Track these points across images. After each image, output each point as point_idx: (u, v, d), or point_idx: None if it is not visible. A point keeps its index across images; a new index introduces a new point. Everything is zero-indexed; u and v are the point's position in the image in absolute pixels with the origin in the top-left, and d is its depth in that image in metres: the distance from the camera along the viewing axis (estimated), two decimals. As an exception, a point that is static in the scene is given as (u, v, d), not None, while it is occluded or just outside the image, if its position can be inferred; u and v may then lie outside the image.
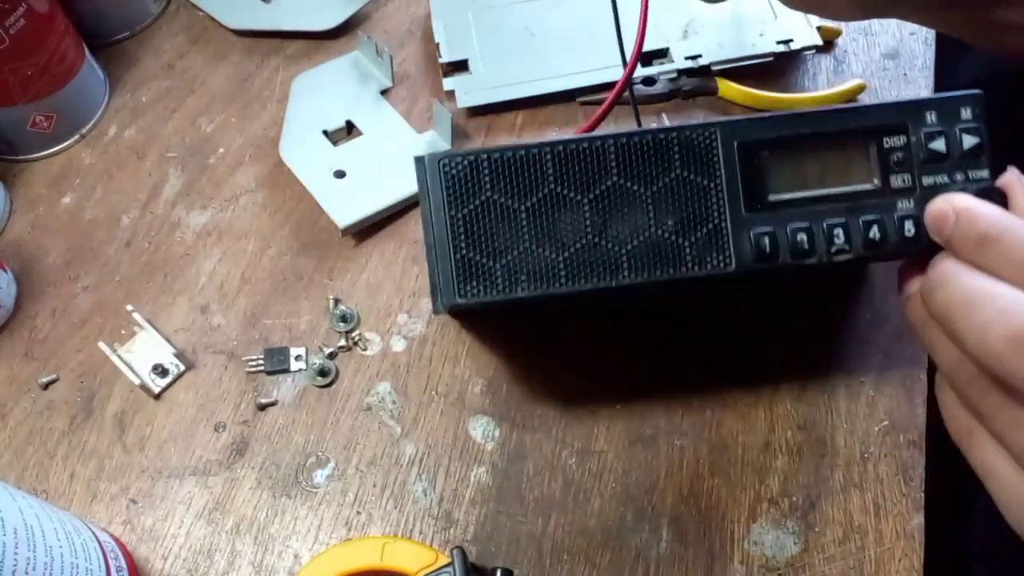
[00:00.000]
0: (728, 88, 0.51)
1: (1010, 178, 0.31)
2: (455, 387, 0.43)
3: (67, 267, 0.48)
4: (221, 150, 0.52)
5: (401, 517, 0.40)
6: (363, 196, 0.47)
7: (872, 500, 0.39)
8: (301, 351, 0.44)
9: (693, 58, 0.51)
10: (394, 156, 0.49)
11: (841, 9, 0.38)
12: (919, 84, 0.51)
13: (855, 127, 0.33)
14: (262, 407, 0.43)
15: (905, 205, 0.33)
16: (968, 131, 0.33)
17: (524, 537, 0.39)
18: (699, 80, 0.51)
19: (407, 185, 0.48)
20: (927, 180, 0.33)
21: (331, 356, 0.44)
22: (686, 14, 0.53)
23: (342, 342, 0.44)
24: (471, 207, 0.33)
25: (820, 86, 0.52)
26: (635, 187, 0.33)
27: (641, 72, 0.51)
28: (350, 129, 0.51)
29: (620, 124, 0.50)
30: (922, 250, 0.32)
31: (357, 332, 0.45)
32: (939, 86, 0.51)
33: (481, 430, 0.42)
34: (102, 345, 0.44)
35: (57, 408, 0.43)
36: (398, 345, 0.44)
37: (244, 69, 0.55)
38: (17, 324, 0.46)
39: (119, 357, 0.44)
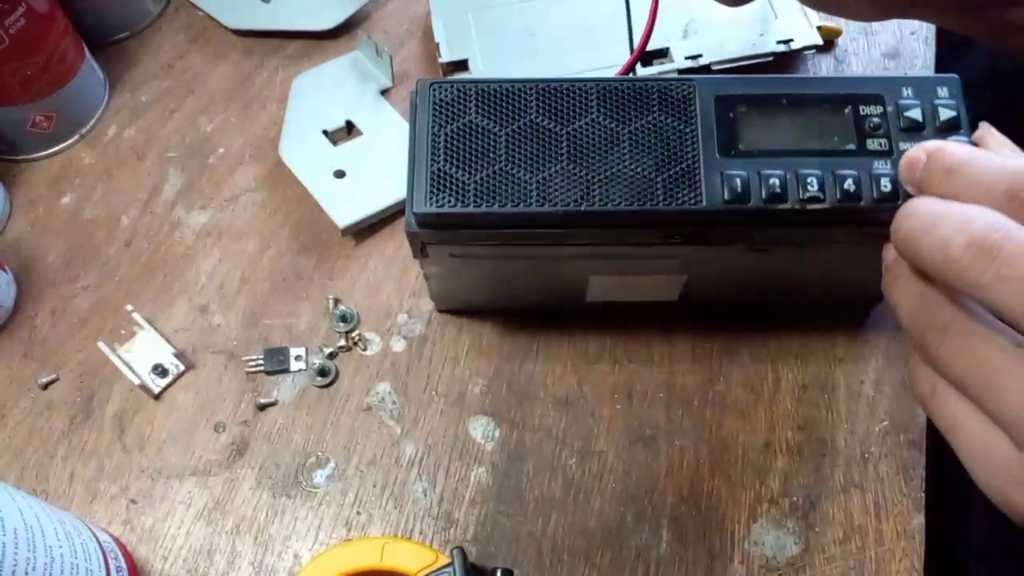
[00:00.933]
0: (728, 88, 0.51)
1: (981, 132, 0.31)
2: (455, 387, 0.43)
3: (67, 267, 0.48)
4: (221, 150, 0.52)
5: (401, 517, 0.40)
6: (363, 196, 0.47)
7: (872, 500, 0.39)
8: (301, 351, 0.44)
9: (693, 58, 0.51)
10: (394, 156, 0.49)
11: (861, 11, 0.38)
12: (919, 84, 0.51)
13: (832, 93, 0.34)
14: (262, 407, 0.43)
15: (881, 165, 0.33)
16: (944, 106, 0.33)
17: (524, 537, 0.39)
18: (699, 80, 0.51)
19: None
20: (904, 145, 0.33)
21: (331, 356, 0.44)
22: (686, 14, 0.53)
23: (342, 342, 0.44)
24: (454, 126, 0.34)
25: (820, 86, 0.52)
26: (613, 125, 0.33)
27: (641, 72, 0.51)
28: (350, 129, 0.51)
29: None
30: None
31: (357, 332, 0.45)
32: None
33: (481, 430, 0.42)
34: (102, 345, 0.44)
35: (57, 408, 0.43)
36: (398, 345, 0.44)
37: (244, 69, 0.55)
38: (17, 324, 0.46)
39: (119, 357, 0.43)
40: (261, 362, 0.44)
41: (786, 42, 0.51)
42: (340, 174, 0.49)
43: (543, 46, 0.53)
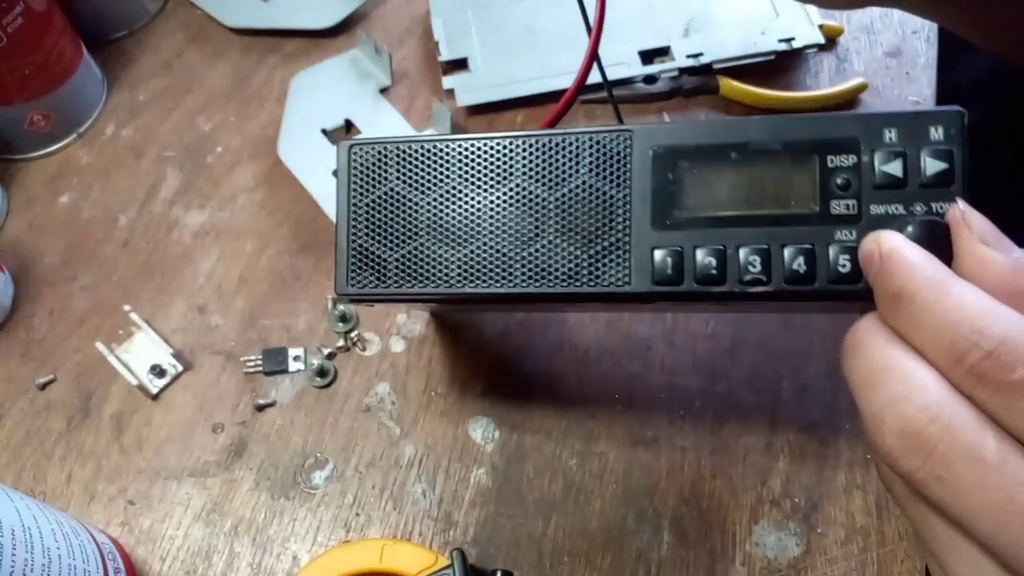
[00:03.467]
0: (729, 86, 0.50)
1: (954, 214, 0.25)
2: (455, 388, 0.43)
3: (64, 267, 0.48)
4: (219, 149, 0.51)
5: (400, 519, 0.40)
6: (362, 195, 0.47)
7: (874, 501, 0.39)
8: (300, 351, 0.44)
9: (695, 56, 0.51)
10: (393, 155, 0.49)
11: None
12: (921, 83, 0.51)
13: (794, 140, 0.28)
14: (260, 408, 0.43)
15: (844, 235, 0.28)
16: (935, 154, 0.27)
17: (524, 539, 0.39)
18: (701, 78, 0.51)
19: (406, 184, 0.48)
20: (876, 209, 0.28)
21: (330, 356, 0.44)
22: (687, 12, 0.53)
23: (341, 342, 0.44)
24: (374, 195, 0.32)
25: (822, 84, 0.51)
26: (539, 190, 0.31)
27: (642, 70, 0.51)
28: (349, 128, 0.51)
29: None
30: (861, 293, 0.27)
31: (356, 332, 0.44)
32: (941, 84, 0.51)
33: (481, 431, 0.42)
34: (99, 345, 0.43)
35: (55, 409, 0.43)
36: (397, 346, 0.44)
37: (242, 68, 0.55)
38: (14, 324, 0.46)
39: (117, 357, 0.43)
40: (259, 362, 0.43)
41: (787, 40, 0.51)
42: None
43: (542, 44, 0.53)
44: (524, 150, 0.31)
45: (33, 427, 0.43)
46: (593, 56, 0.35)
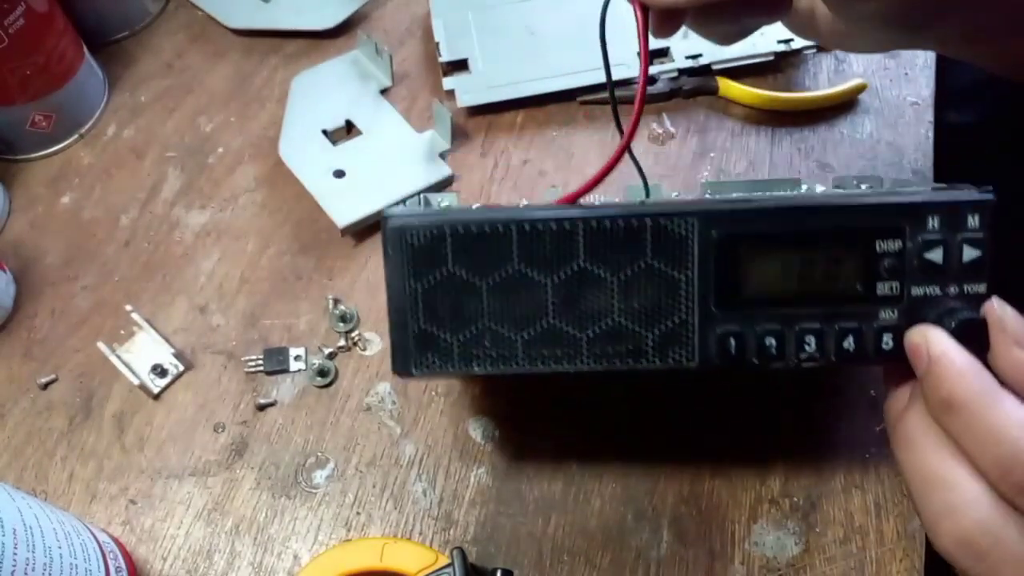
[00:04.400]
0: (728, 87, 0.51)
1: (992, 313, 0.29)
2: (455, 387, 0.43)
3: (66, 267, 0.48)
4: (220, 149, 0.52)
5: (401, 518, 0.40)
6: (362, 196, 0.47)
7: (873, 500, 0.39)
8: (300, 351, 0.44)
9: (694, 57, 0.51)
10: (394, 156, 0.49)
11: (867, 41, 0.36)
12: (920, 83, 0.51)
13: (847, 227, 0.31)
14: (261, 407, 0.43)
15: (888, 315, 0.31)
16: (971, 242, 0.30)
17: (524, 538, 0.39)
18: (700, 79, 0.51)
19: (407, 184, 0.48)
20: (916, 291, 0.30)
21: (331, 356, 0.44)
22: (686, 13, 0.53)
23: (342, 342, 0.44)
24: (431, 280, 0.32)
25: (820, 85, 0.52)
26: (602, 272, 0.31)
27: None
28: (349, 128, 0.51)
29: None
30: (901, 360, 0.30)
31: (357, 332, 0.44)
32: (939, 86, 0.51)
33: (481, 430, 0.42)
34: (101, 345, 0.44)
35: (56, 408, 0.43)
36: (398, 345, 0.44)
37: (243, 68, 0.55)
38: (16, 324, 0.46)
39: (118, 357, 0.43)
40: (260, 362, 0.44)
41: (786, 42, 0.51)
42: (340, 174, 0.49)
43: (542, 45, 0.53)
44: (585, 231, 0.31)
45: (35, 427, 0.43)
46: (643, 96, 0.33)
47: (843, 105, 0.51)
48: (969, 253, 0.30)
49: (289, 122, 0.51)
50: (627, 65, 0.51)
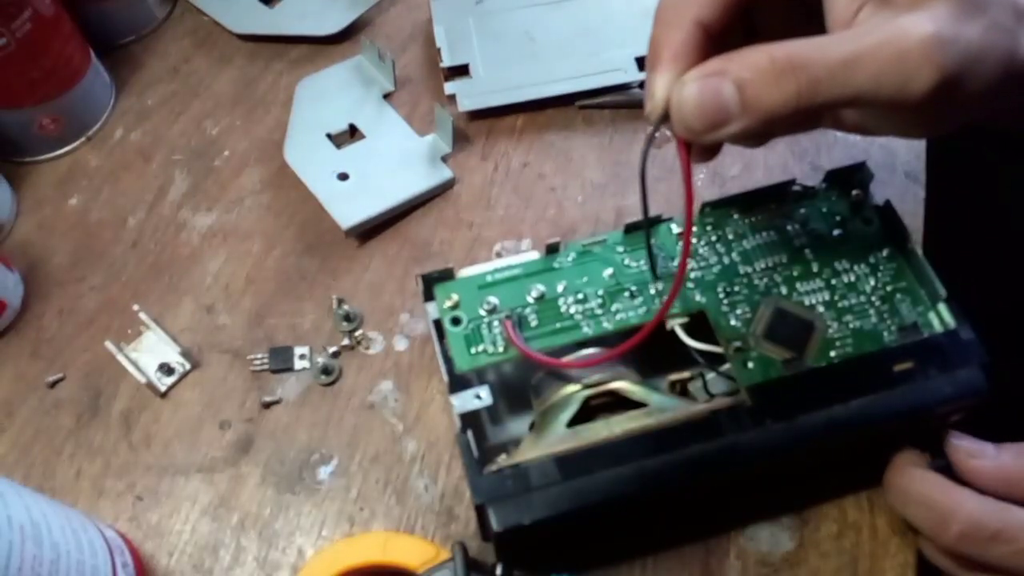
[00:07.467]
0: (725, 92, 0.51)
1: (952, 446, 0.35)
2: (456, 386, 0.43)
3: (74, 267, 0.48)
4: (226, 153, 0.52)
5: (403, 513, 0.40)
6: (366, 198, 0.48)
7: (867, 496, 0.40)
8: (305, 350, 0.45)
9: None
10: (396, 158, 0.50)
11: (915, 126, 0.33)
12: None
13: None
14: (267, 405, 0.43)
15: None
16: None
17: (524, 533, 0.40)
18: (697, 84, 0.52)
19: (409, 187, 0.49)
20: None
21: (335, 355, 0.45)
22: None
23: (345, 341, 0.45)
24: (521, 522, 0.33)
25: (816, 90, 0.52)
26: (658, 464, 0.34)
27: (639, 76, 0.52)
28: (353, 132, 0.52)
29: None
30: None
31: (360, 331, 0.45)
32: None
33: (482, 428, 0.42)
34: (109, 344, 0.44)
35: (64, 406, 0.44)
36: (400, 344, 0.45)
37: (248, 73, 0.56)
38: (24, 324, 0.47)
39: (125, 356, 0.44)
40: (266, 361, 0.44)
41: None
42: (343, 176, 0.49)
43: (543, 51, 0.53)
44: (640, 443, 0.34)
45: (43, 425, 0.44)
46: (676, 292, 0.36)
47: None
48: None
49: (294, 126, 0.52)
50: (623, 71, 0.52)
